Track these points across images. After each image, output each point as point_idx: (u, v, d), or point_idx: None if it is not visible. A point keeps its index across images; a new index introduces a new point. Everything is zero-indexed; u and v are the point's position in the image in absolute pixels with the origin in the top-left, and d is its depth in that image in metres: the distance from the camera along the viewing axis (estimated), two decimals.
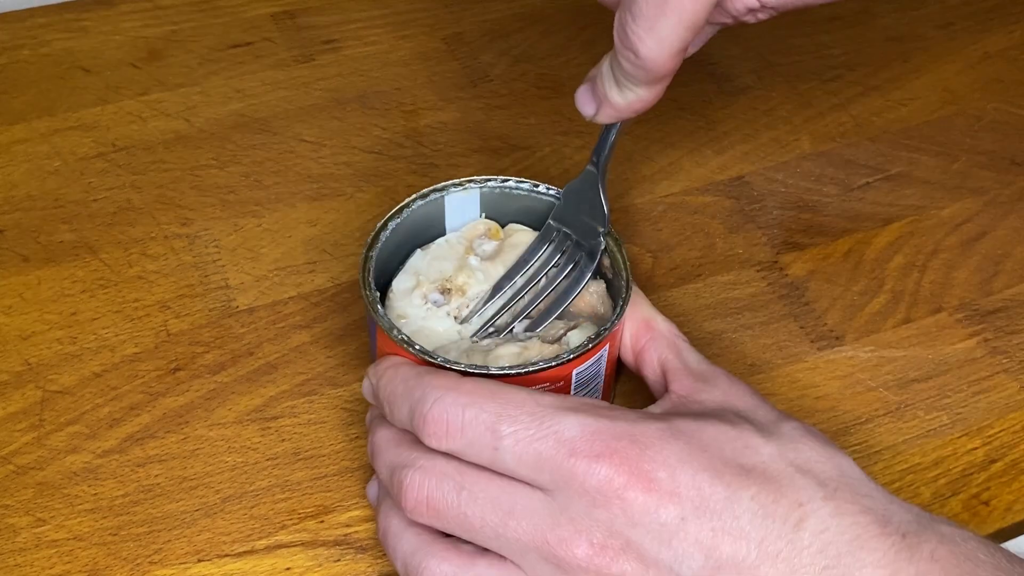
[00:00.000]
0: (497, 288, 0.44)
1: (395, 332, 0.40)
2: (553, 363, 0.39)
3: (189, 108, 0.59)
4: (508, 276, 0.45)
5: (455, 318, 0.44)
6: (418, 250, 0.45)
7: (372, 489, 0.41)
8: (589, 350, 0.40)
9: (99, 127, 0.58)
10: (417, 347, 0.39)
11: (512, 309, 0.44)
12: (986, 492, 0.45)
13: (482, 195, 0.46)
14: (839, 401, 0.47)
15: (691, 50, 0.40)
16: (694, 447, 0.35)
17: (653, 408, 0.39)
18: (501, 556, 0.36)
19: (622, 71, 0.39)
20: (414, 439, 0.38)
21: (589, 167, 0.44)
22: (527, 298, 0.44)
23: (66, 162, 0.56)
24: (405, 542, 0.37)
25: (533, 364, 0.39)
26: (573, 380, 0.41)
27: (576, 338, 0.42)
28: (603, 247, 0.44)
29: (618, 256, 0.43)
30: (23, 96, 0.60)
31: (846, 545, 0.34)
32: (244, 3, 0.66)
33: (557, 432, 0.35)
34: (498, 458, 0.35)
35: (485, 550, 0.37)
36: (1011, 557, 0.34)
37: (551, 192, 0.45)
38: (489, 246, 0.46)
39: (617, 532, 0.34)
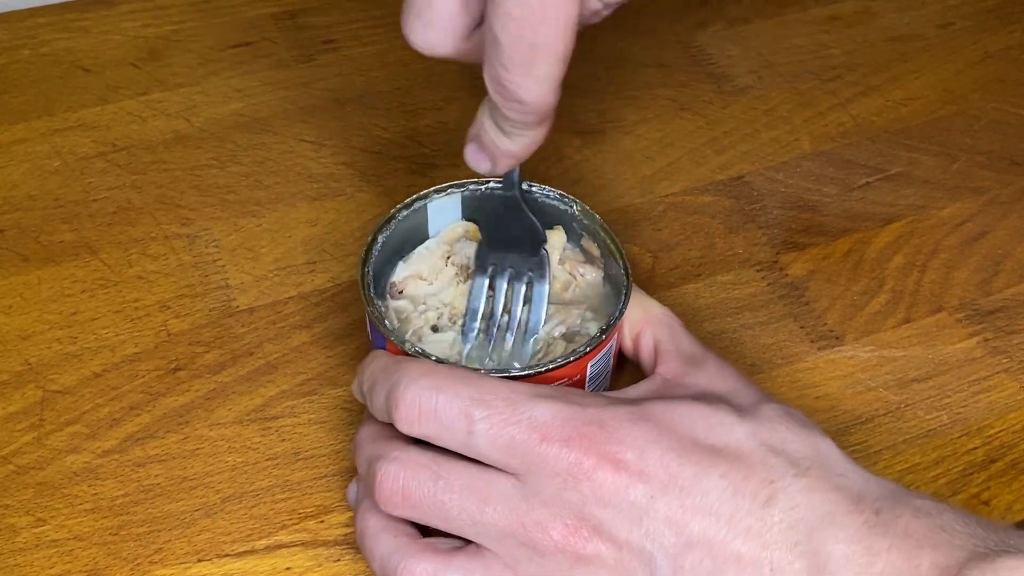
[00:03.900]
0: (467, 331, 0.44)
1: (408, 345, 0.40)
2: (571, 358, 0.40)
3: (189, 108, 0.59)
4: (471, 317, 0.44)
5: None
6: (400, 262, 0.45)
7: (352, 491, 0.42)
8: (602, 341, 0.41)
9: (99, 127, 0.58)
10: (433, 358, 0.39)
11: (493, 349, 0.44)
12: (986, 492, 0.45)
13: (463, 199, 0.46)
14: (839, 401, 0.47)
15: None
16: (663, 428, 0.36)
17: (634, 389, 0.40)
18: (478, 550, 0.37)
19: (509, 122, 0.38)
20: (393, 433, 0.38)
21: (508, 194, 0.44)
22: (502, 334, 0.44)
23: (66, 162, 0.56)
24: (382, 544, 0.38)
25: (552, 361, 0.40)
26: (588, 373, 0.41)
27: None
28: (547, 256, 0.44)
29: (611, 244, 0.44)
30: (23, 96, 0.60)
31: (817, 521, 0.34)
32: (244, 3, 0.66)
33: (530, 418, 0.35)
34: (471, 442, 0.36)
35: (461, 547, 0.37)
36: (986, 525, 0.34)
37: (533, 189, 0.46)
38: (470, 248, 0.46)
39: (589, 514, 0.35)
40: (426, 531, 0.38)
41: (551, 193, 0.46)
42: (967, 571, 0.32)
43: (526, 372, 0.39)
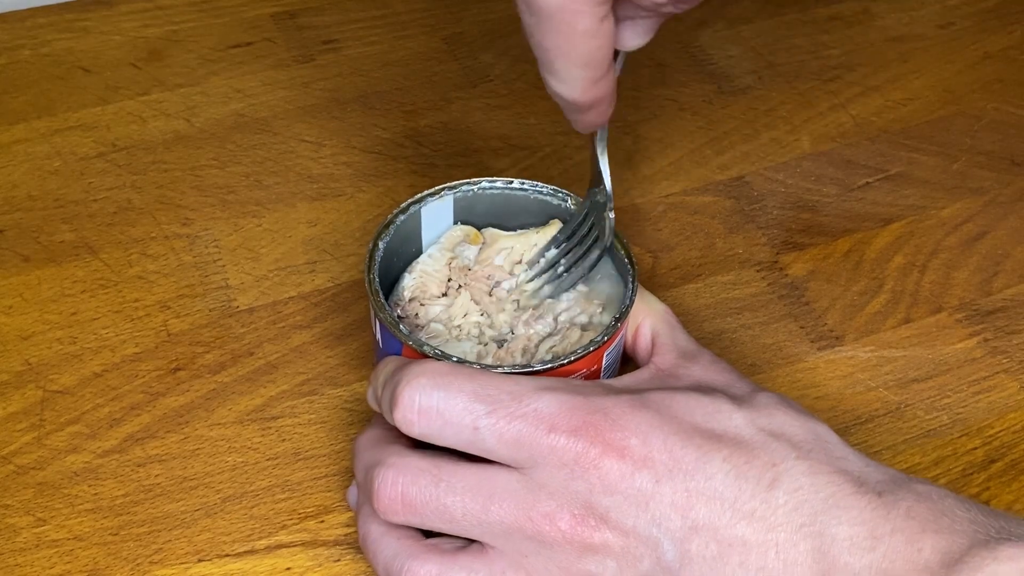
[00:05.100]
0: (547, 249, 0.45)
1: (426, 348, 0.40)
2: (591, 348, 0.40)
3: (189, 108, 0.59)
4: (554, 241, 0.45)
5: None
6: (405, 274, 0.45)
7: (352, 494, 0.42)
8: (617, 329, 0.41)
9: (99, 127, 0.58)
10: (455, 359, 0.39)
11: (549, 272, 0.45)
12: (986, 492, 0.45)
13: (455, 200, 0.46)
14: (839, 401, 0.47)
15: (633, 44, 0.40)
16: (665, 415, 0.36)
17: (629, 378, 0.40)
18: (482, 549, 0.37)
19: (562, 105, 0.40)
20: (391, 438, 0.38)
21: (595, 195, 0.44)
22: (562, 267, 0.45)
23: (66, 162, 0.56)
24: (385, 547, 0.38)
25: (573, 353, 0.40)
26: (604, 363, 0.41)
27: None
28: (609, 225, 0.44)
29: (612, 236, 0.44)
30: (23, 96, 0.60)
31: (821, 503, 0.34)
32: (244, 3, 0.66)
33: (536, 410, 0.36)
34: (478, 438, 0.36)
35: (464, 547, 0.37)
36: (987, 512, 0.34)
37: (525, 187, 0.46)
38: (471, 251, 0.46)
39: (596, 502, 0.35)
40: (428, 533, 0.38)
41: (543, 188, 0.46)
42: (968, 557, 0.32)
43: (548, 367, 0.39)
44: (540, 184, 0.46)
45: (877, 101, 0.62)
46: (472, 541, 0.37)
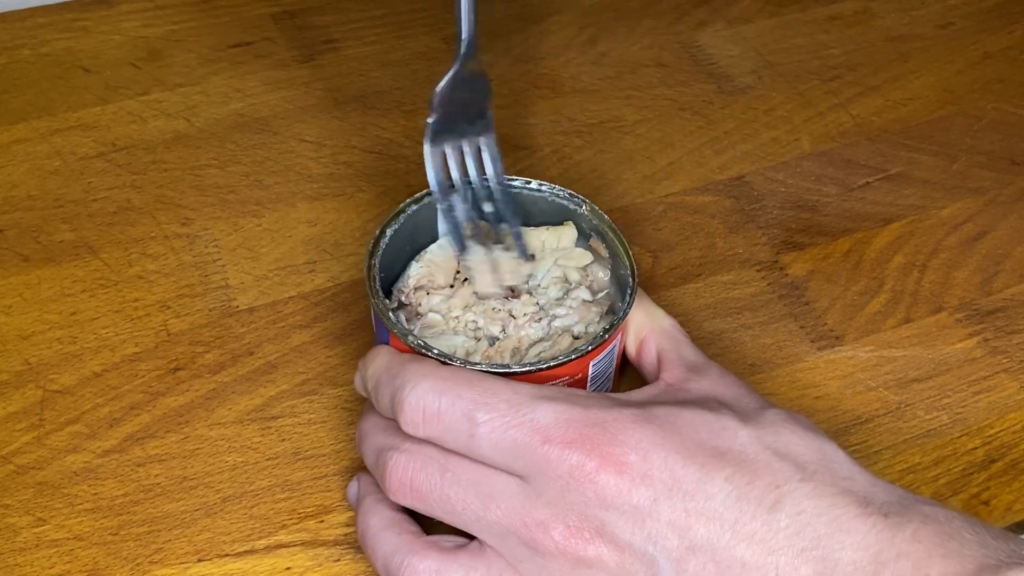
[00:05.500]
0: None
1: (411, 338, 0.40)
2: (573, 356, 0.40)
3: (189, 108, 0.59)
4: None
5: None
6: (413, 263, 0.45)
7: (352, 489, 0.42)
8: (605, 340, 0.40)
9: (99, 127, 0.58)
10: (436, 351, 0.39)
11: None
12: (986, 492, 0.45)
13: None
14: (839, 401, 0.47)
15: None
16: (667, 431, 0.36)
17: (638, 393, 0.40)
18: (481, 548, 0.37)
19: None
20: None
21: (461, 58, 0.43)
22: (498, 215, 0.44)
23: (66, 162, 0.56)
24: (385, 542, 0.38)
25: (553, 358, 0.40)
26: (590, 372, 0.41)
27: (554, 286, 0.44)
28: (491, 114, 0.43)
29: (618, 244, 0.44)
30: (23, 96, 0.60)
31: (824, 527, 0.34)
32: (244, 3, 0.66)
33: (532, 420, 0.35)
34: (474, 445, 0.36)
35: (464, 545, 0.37)
36: (996, 534, 0.33)
37: (543, 188, 0.46)
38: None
39: (591, 515, 0.35)
40: (430, 530, 0.39)
41: (561, 192, 0.46)
42: None
43: (527, 369, 0.39)
44: (558, 187, 0.46)
45: (877, 101, 0.62)
46: (472, 539, 0.37)
